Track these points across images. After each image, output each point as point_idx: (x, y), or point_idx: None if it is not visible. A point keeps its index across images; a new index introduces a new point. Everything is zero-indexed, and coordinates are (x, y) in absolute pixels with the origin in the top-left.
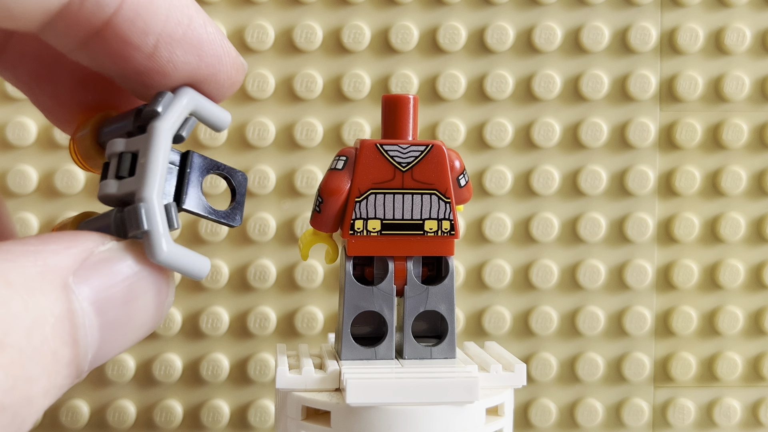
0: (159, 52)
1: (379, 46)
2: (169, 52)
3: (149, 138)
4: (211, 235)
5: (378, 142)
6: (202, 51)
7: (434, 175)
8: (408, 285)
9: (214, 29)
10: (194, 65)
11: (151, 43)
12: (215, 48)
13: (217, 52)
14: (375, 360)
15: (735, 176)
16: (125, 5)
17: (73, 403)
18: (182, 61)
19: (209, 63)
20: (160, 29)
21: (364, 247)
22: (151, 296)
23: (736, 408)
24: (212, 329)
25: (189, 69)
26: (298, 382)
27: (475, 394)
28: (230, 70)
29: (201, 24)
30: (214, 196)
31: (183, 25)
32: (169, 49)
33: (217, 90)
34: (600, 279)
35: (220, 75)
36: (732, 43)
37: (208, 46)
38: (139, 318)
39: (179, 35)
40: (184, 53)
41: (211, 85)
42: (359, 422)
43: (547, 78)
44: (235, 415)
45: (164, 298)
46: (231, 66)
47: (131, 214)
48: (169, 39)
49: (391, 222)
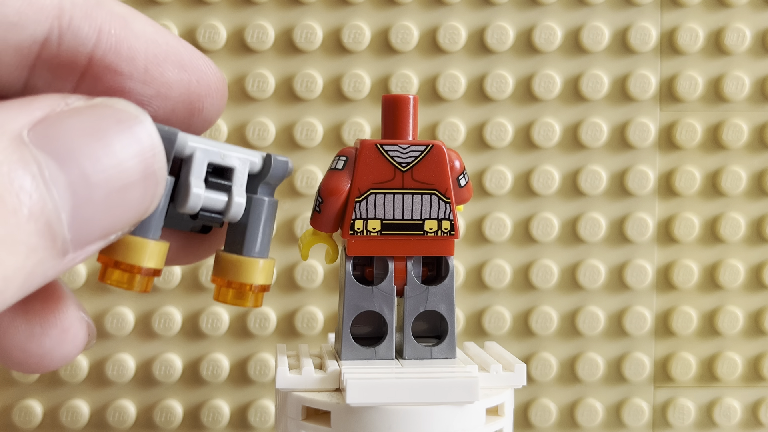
0: (151, 74)
1: (379, 46)
2: (160, 72)
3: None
4: None
5: (378, 142)
6: (186, 65)
7: (434, 175)
8: (408, 285)
9: (189, 45)
10: (187, 81)
11: (141, 68)
12: (197, 62)
13: (199, 66)
14: (375, 360)
15: (735, 176)
16: (104, 34)
17: (73, 403)
18: (176, 79)
19: (198, 77)
20: (144, 52)
21: (364, 247)
22: (132, 148)
23: (736, 408)
24: (212, 329)
25: (183, 86)
26: (298, 382)
27: (475, 394)
28: (217, 82)
29: (177, 41)
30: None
31: (163, 44)
32: (159, 69)
33: (212, 105)
34: (600, 279)
35: (211, 88)
36: (732, 43)
37: (190, 61)
38: (119, 177)
39: (163, 55)
40: (173, 70)
41: (207, 100)
42: (359, 422)
43: (547, 78)
44: (235, 415)
45: (149, 153)
46: (215, 77)
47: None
48: (155, 59)
49: (391, 222)
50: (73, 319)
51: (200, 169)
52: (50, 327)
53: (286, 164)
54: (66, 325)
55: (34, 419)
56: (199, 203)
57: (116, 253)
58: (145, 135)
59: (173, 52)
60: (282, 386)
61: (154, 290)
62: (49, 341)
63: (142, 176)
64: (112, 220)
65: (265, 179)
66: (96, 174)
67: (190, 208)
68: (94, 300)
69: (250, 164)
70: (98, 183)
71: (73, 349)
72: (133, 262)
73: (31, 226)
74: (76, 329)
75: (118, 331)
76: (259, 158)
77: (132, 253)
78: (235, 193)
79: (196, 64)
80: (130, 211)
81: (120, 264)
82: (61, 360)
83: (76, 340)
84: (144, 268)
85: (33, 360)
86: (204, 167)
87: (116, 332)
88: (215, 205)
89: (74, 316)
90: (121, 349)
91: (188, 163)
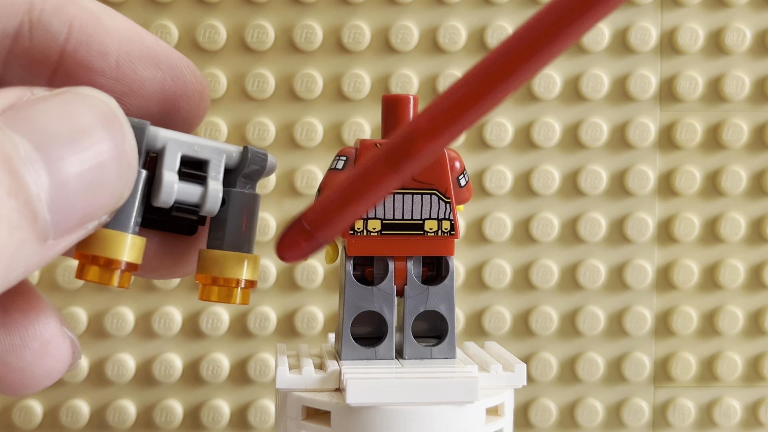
0: (123, 71)
1: (380, 46)
2: (132, 69)
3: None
4: None
5: (378, 142)
6: (161, 63)
7: (434, 175)
8: (408, 285)
9: (165, 44)
10: (161, 79)
11: (113, 64)
12: (173, 60)
13: (176, 63)
14: (375, 360)
15: (735, 176)
16: (74, 30)
17: (73, 403)
18: (149, 77)
19: (174, 76)
20: (117, 48)
21: (364, 247)
22: (101, 131)
23: (735, 408)
24: (212, 329)
25: (157, 84)
26: (298, 382)
27: (475, 394)
28: (195, 81)
29: (152, 39)
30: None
31: (136, 42)
32: (131, 66)
33: (190, 105)
34: (600, 279)
35: (188, 87)
36: (732, 43)
37: (165, 58)
38: (92, 158)
39: (136, 52)
40: (146, 68)
41: (183, 99)
42: (359, 422)
43: (547, 78)
44: (235, 415)
45: (119, 135)
46: (193, 76)
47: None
48: (127, 56)
49: (391, 222)
50: (55, 332)
51: (173, 161)
52: (30, 338)
53: (265, 157)
54: (47, 337)
55: (34, 419)
56: (172, 194)
57: (93, 248)
58: (113, 118)
59: (147, 49)
60: (282, 386)
61: (154, 290)
62: (30, 354)
63: (114, 156)
64: (89, 203)
65: (243, 172)
66: (69, 155)
67: (163, 200)
68: (94, 300)
69: (226, 157)
70: (73, 163)
71: (55, 365)
72: (110, 255)
73: (12, 203)
74: (59, 342)
75: (118, 331)
76: (236, 151)
77: (109, 247)
78: (211, 184)
79: (173, 63)
80: (106, 196)
81: (98, 259)
82: (43, 375)
83: (58, 354)
84: (122, 261)
85: (15, 376)
86: (177, 159)
87: (116, 332)
88: (190, 197)
89: (55, 329)
90: (121, 348)
91: (161, 156)
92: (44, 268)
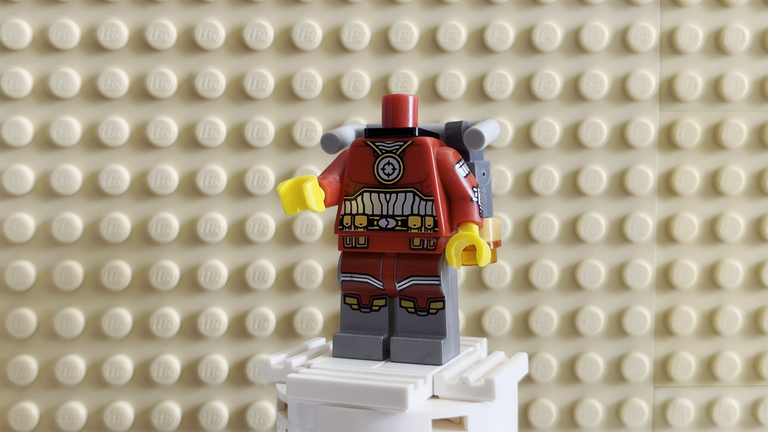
0: None
1: (379, 46)
2: None
3: None
4: (209, 235)
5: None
6: None
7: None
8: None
9: None
10: None
11: None
12: None
13: None
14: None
15: (734, 176)
16: None
17: (70, 405)
18: None
19: None
20: None
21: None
22: None
23: (735, 407)
24: (211, 330)
25: None
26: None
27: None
28: None
29: None
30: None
31: None
32: None
33: None
34: (600, 279)
35: None
36: (732, 43)
37: None
38: None
39: None
40: None
41: None
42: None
43: (547, 78)
44: (234, 416)
45: None
46: None
47: None
48: None
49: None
50: None
51: None
52: None
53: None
54: None
55: (30, 422)
56: None
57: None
58: None
59: None
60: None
61: (152, 291)
62: None
63: None
64: None
65: None
66: None
67: None
68: (91, 301)
69: None
70: None
71: None
72: None
73: None
74: None
75: (116, 333)
76: None
77: None
78: None
79: None
80: None
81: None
82: None
83: None
84: None
85: None
86: None
87: (114, 334)
88: None
89: None
90: (119, 350)
91: None
92: (42, 270)
